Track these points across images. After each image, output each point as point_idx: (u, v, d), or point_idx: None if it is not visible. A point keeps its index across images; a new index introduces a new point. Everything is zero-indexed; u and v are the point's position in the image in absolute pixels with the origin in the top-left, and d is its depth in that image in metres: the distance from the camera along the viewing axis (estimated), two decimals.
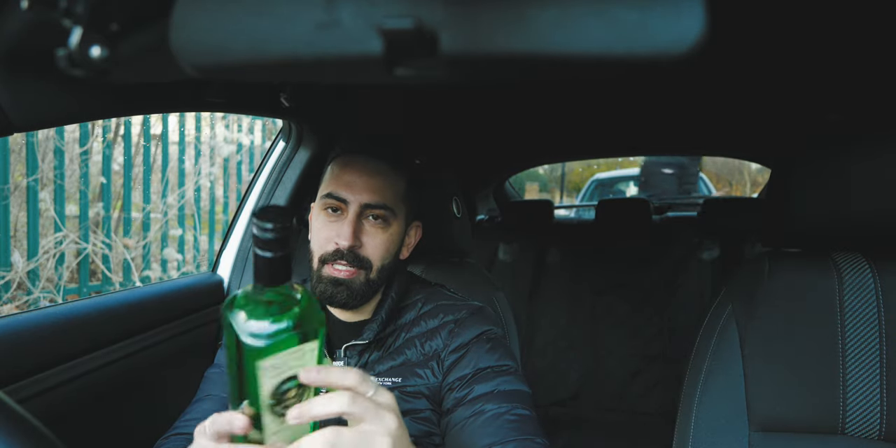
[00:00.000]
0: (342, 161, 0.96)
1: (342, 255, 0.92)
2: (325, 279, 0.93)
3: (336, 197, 0.93)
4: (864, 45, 1.22)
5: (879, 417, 0.90)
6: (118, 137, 3.72)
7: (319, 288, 0.93)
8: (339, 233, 0.92)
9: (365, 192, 0.93)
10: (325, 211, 0.94)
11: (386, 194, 0.95)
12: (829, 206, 0.94)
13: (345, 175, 0.94)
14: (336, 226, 0.93)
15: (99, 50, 0.44)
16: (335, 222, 0.94)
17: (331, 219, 0.94)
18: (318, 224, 0.96)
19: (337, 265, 0.92)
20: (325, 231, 0.94)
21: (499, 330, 1.00)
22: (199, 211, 4.24)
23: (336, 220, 0.94)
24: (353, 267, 0.93)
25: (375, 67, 0.36)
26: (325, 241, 0.93)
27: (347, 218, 0.92)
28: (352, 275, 0.93)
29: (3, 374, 0.86)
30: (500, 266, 2.87)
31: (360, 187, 0.93)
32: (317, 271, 0.94)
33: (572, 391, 2.63)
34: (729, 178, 10.95)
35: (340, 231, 0.92)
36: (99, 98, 0.80)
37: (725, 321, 1.01)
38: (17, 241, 3.21)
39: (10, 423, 0.40)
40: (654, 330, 2.65)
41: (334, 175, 0.95)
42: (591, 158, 4.34)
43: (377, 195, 0.94)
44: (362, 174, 0.94)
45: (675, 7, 0.33)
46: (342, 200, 0.93)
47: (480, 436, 0.85)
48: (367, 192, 0.93)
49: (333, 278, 0.93)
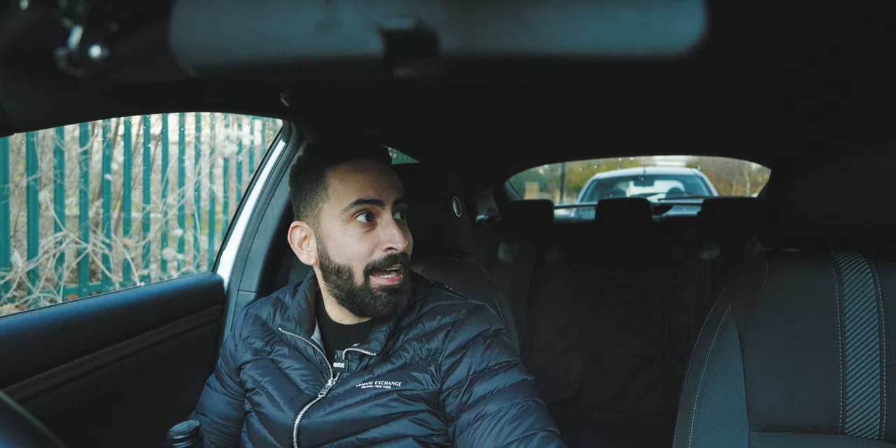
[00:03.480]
0: (350, 167, 0.94)
1: (395, 260, 0.91)
2: (382, 290, 0.91)
3: (368, 200, 0.91)
4: (864, 45, 1.22)
5: (879, 417, 0.90)
6: (118, 137, 3.72)
7: (381, 302, 0.91)
8: (389, 238, 0.90)
9: (390, 190, 0.93)
10: (356, 220, 0.92)
11: (401, 189, 0.96)
12: (829, 206, 0.94)
13: (364, 178, 0.92)
14: (375, 232, 0.92)
15: (99, 50, 0.44)
16: (372, 230, 0.92)
17: (365, 228, 0.92)
18: (349, 237, 0.92)
19: (388, 274, 0.91)
20: (366, 241, 0.91)
21: (496, 326, 0.99)
22: (199, 211, 4.24)
23: (372, 228, 0.92)
24: (401, 270, 0.93)
25: (375, 67, 0.36)
26: (368, 252, 0.91)
27: (387, 220, 0.92)
28: (401, 277, 0.93)
29: (3, 374, 0.86)
30: (500, 266, 2.87)
31: (385, 186, 0.93)
32: (364, 285, 0.92)
33: (572, 391, 2.63)
34: (729, 178, 10.95)
35: (389, 236, 0.90)
36: (99, 98, 0.80)
37: (725, 321, 1.01)
38: (17, 240, 3.21)
39: (10, 423, 0.40)
40: (654, 330, 2.65)
41: (349, 181, 0.93)
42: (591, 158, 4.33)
43: (398, 191, 0.95)
44: (380, 174, 0.94)
45: (675, 7, 0.33)
46: (377, 202, 0.91)
47: (483, 441, 0.85)
48: (392, 189, 0.94)
49: (391, 287, 0.92)
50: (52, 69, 0.48)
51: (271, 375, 1.01)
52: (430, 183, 1.33)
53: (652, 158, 7.32)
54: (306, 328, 1.00)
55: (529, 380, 0.93)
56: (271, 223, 1.49)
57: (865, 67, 1.38)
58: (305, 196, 0.96)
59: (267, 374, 1.01)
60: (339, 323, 1.01)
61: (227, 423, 1.09)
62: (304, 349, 1.01)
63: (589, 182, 6.38)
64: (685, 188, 6.02)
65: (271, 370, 1.02)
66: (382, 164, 0.97)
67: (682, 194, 5.67)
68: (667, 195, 5.18)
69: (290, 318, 1.04)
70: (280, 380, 1.00)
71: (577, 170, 11.01)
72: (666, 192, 5.77)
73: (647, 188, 6.30)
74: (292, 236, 0.99)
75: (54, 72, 0.49)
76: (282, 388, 0.99)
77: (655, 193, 5.68)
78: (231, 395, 1.09)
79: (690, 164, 7.89)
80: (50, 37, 0.50)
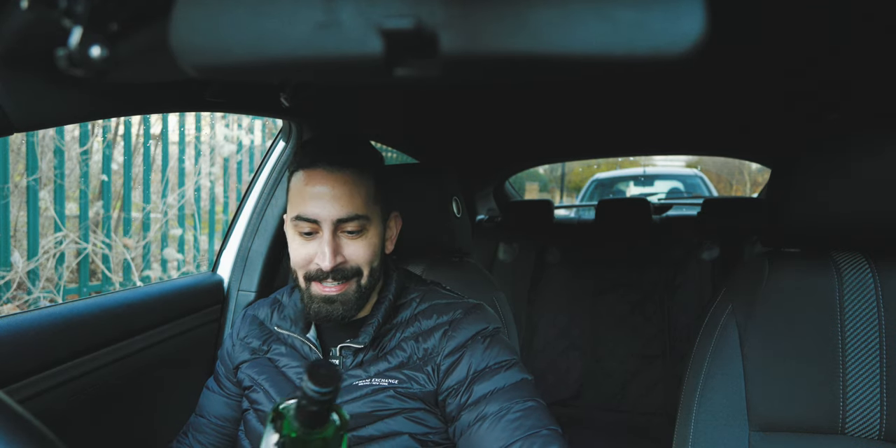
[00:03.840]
0: (304, 176, 0.91)
1: (327, 275, 0.90)
2: (316, 298, 0.92)
3: (306, 219, 0.89)
4: (864, 44, 1.22)
5: (879, 417, 0.90)
6: (118, 137, 3.72)
7: (313, 307, 0.92)
8: (319, 254, 0.89)
9: (334, 206, 0.88)
10: (298, 230, 0.91)
11: (356, 203, 0.90)
12: (829, 206, 0.94)
13: (309, 192, 0.89)
14: (313, 245, 0.90)
15: (99, 50, 0.44)
16: (311, 241, 0.91)
17: (306, 239, 0.91)
18: (294, 244, 0.93)
19: (325, 283, 0.91)
20: (304, 250, 0.91)
21: (494, 325, 0.99)
22: (199, 211, 4.24)
23: (312, 239, 0.91)
24: (341, 282, 0.91)
25: (375, 67, 0.36)
26: (306, 261, 0.91)
27: (324, 238, 0.89)
28: (342, 289, 0.91)
29: (3, 374, 0.86)
30: (500, 266, 2.87)
31: (329, 203, 0.88)
32: (306, 290, 0.93)
33: (572, 391, 2.63)
34: (729, 178, 10.95)
35: (320, 252, 0.89)
36: (99, 98, 0.80)
37: (725, 321, 1.01)
38: (17, 240, 3.21)
39: (10, 423, 0.40)
40: (654, 330, 2.65)
41: (298, 192, 0.91)
42: (591, 158, 4.33)
43: (348, 207, 0.89)
44: (328, 188, 0.89)
45: (676, 7, 0.33)
46: (313, 221, 0.89)
47: (486, 442, 0.85)
48: (337, 206, 0.89)
49: (325, 296, 0.91)
50: (52, 69, 0.48)
51: (268, 373, 1.01)
52: (430, 183, 1.33)
53: (652, 158, 7.32)
54: (302, 326, 1.01)
55: (529, 379, 0.93)
56: (271, 223, 1.49)
57: (865, 67, 1.38)
58: None
59: (264, 372, 1.02)
60: None
61: (226, 423, 1.10)
62: (301, 347, 1.01)
63: (589, 182, 6.38)
64: (685, 188, 6.02)
65: (268, 368, 1.02)
66: (340, 174, 0.90)
67: (682, 194, 5.67)
68: (667, 195, 5.18)
69: (286, 318, 1.05)
70: (277, 378, 1.00)
71: (577, 170, 11.01)
72: (666, 192, 5.77)
73: (647, 188, 6.30)
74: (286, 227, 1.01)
75: (54, 72, 0.49)
76: (279, 385, 0.99)
77: (655, 193, 5.68)
78: (229, 397, 1.10)
79: (690, 164, 7.89)
80: (50, 37, 0.50)
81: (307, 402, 0.51)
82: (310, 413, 0.52)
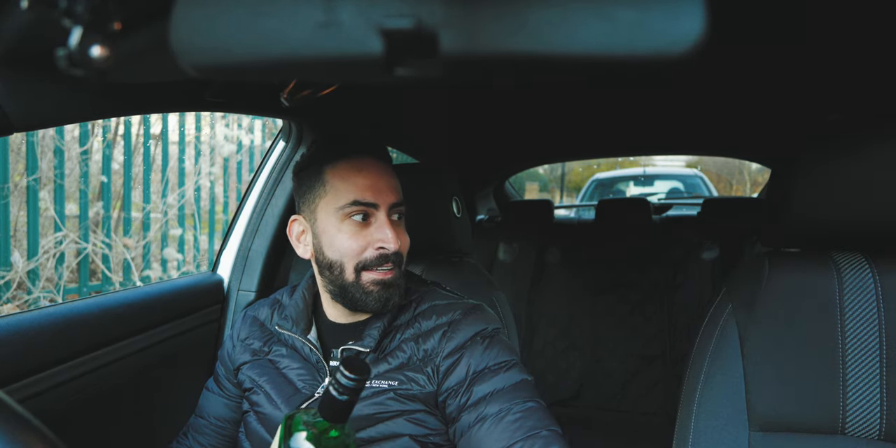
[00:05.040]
0: (350, 165, 0.95)
1: (387, 259, 0.93)
2: (374, 284, 0.93)
3: (365, 203, 0.93)
4: (865, 44, 1.22)
5: (879, 417, 0.90)
6: (118, 137, 3.72)
7: (374, 295, 0.93)
8: (379, 238, 0.92)
9: (387, 192, 0.95)
10: (351, 219, 0.94)
11: (399, 191, 0.98)
12: (829, 206, 0.94)
13: (363, 180, 0.94)
14: (369, 231, 0.93)
15: (99, 50, 0.44)
16: (366, 228, 0.94)
17: (359, 227, 0.94)
18: (344, 234, 0.94)
19: (381, 269, 0.93)
20: (358, 239, 0.93)
21: (494, 325, 0.99)
22: (199, 211, 4.24)
23: (366, 227, 0.94)
24: (396, 267, 0.94)
25: (375, 67, 0.36)
26: (361, 249, 0.93)
27: (382, 221, 0.93)
28: (396, 274, 0.95)
29: (3, 374, 0.86)
30: (500, 266, 2.87)
31: (383, 189, 0.94)
32: (355, 281, 0.94)
33: (572, 391, 2.63)
34: (729, 178, 10.95)
35: (379, 236, 0.93)
36: (99, 98, 0.80)
37: (725, 321, 1.01)
38: (17, 240, 3.21)
39: (10, 423, 0.40)
40: (654, 330, 2.65)
41: (345, 180, 0.95)
42: (591, 158, 4.33)
43: (396, 193, 0.96)
44: (379, 176, 0.95)
45: (675, 7, 0.33)
46: (372, 205, 0.93)
47: (486, 443, 0.85)
48: (389, 192, 0.95)
49: (384, 281, 0.93)
50: (52, 69, 0.48)
51: (269, 375, 1.01)
52: (430, 183, 1.33)
53: (652, 158, 7.32)
54: (303, 327, 1.00)
55: (529, 380, 0.93)
56: (271, 223, 1.49)
57: (865, 67, 1.38)
58: (305, 191, 0.98)
59: (264, 373, 1.01)
60: (336, 322, 1.02)
61: (225, 425, 1.10)
62: (302, 348, 1.01)
63: (589, 182, 6.38)
64: (685, 188, 6.02)
65: (269, 370, 1.02)
66: (382, 164, 0.98)
67: (682, 194, 5.67)
68: (667, 195, 5.18)
69: (287, 318, 1.04)
70: (277, 379, 1.00)
71: (577, 170, 11.01)
72: (666, 192, 5.77)
73: (647, 188, 6.30)
74: (291, 229, 1.02)
75: (54, 72, 0.49)
76: (279, 387, 0.99)
77: (655, 193, 5.68)
78: (228, 398, 1.09)
79: (690, 164, 7.88)
80: (50, 37, 0.50)
81: (339, 390, 0.54)
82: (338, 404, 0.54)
